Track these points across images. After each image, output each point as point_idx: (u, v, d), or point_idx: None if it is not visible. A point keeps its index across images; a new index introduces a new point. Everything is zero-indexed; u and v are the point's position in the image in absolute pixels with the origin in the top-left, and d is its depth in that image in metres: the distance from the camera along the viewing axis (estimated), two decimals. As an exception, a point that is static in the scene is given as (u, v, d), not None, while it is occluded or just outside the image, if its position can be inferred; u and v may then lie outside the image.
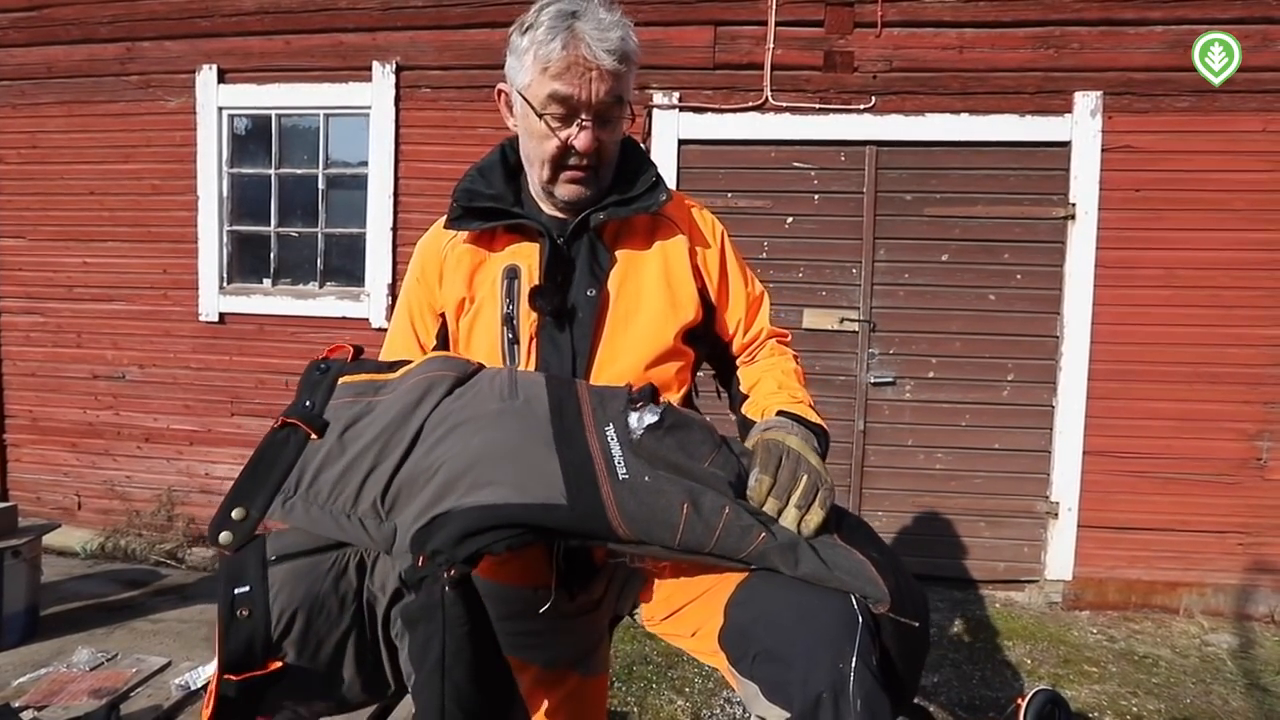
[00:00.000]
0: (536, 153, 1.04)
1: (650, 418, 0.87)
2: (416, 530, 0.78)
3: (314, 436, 0.85)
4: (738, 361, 1.20)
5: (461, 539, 0.75)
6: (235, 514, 0.82)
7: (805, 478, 0.86)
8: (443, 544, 0.74)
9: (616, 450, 0.83)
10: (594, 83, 0.98)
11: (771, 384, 1.12)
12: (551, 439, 0.83)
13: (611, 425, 0.86)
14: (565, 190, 1.05)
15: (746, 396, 1.14)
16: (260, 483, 0.83)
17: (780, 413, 1.02)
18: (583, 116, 0.99)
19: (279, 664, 0.78)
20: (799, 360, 1.21)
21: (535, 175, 1.08)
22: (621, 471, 0.81)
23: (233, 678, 0.76)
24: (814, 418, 1.03)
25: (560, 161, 1.03)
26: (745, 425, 1.10)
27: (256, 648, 0.77)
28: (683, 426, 0.88)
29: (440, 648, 0.73)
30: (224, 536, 0.82)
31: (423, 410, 0.86)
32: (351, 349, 1.00)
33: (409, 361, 0.97)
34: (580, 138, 1.00)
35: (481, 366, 0.97)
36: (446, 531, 0.75)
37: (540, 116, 1.00)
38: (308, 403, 0.89)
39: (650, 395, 0.91)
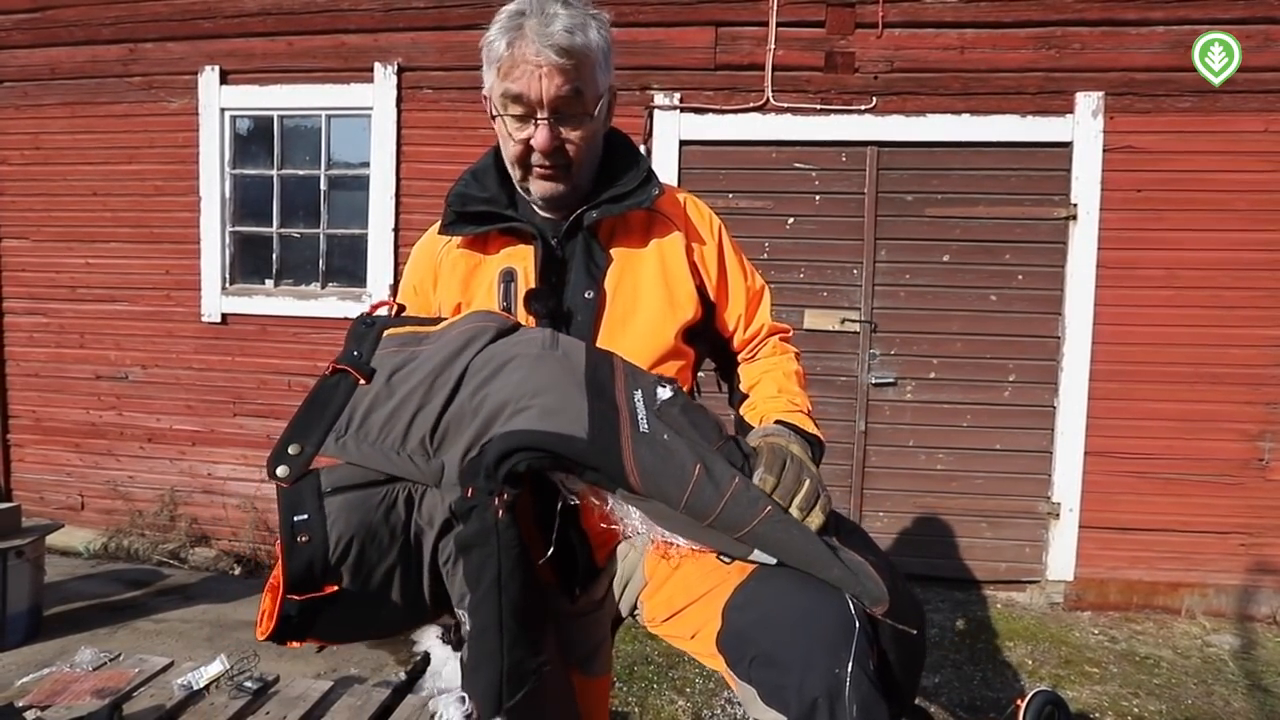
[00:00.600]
0: (506, 154, 1.05)
1: (671, 393, 0.92)
2: (466, 464, 0.83)
3: (363, 381, 0.90)
4: (739, 358, 1.19)
5: (499, 462, 0.81)
6: (291, 449, 0.85)
7: (808, 483, 0.87)
8: (484, 470, 0.81)
9: (641, 410, 0.88)
10: (543, 79, 0.96)
11: (771, 387, 1.11)
12: (584, 385, 0.88)
13: (640, 391, 0.91)
14: (537, 187, 1.05)
15: (746, 396, 1.14)
16: (314, 421, 0.87)
17: (779, 422, 1.02)
18: (539, 114, 0.98)
19: (334, 588, 0.82)
20: (800, 359, 1.21)
21: (514, 177, 1.08)
22: (643, 426, 0.86)
23: (295, 597, 0.80)
24: (811, 428, 1.03)
25: (526, 160, 1.03)
26: (743, 425, 1.10)
27: (316, 570, 0.81)
28: (698, 411, 0.94)
29: (496, 568, 0.81)
30: (281, 470, 0.84)
31: (466, 355, 0.90)
32: (396, 305, 1.06)
33: (444, 319, 1.01)
34: (537, 136, 0.99)
35: (519, 324, 1.00)
36: (485, 459, 0.82)
37: (501, 118, 1.01)
38: (355, 352, 0.94)
39: (673, 383, 0.96)
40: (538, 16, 0.96)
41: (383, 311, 1.03)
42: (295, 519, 0.82)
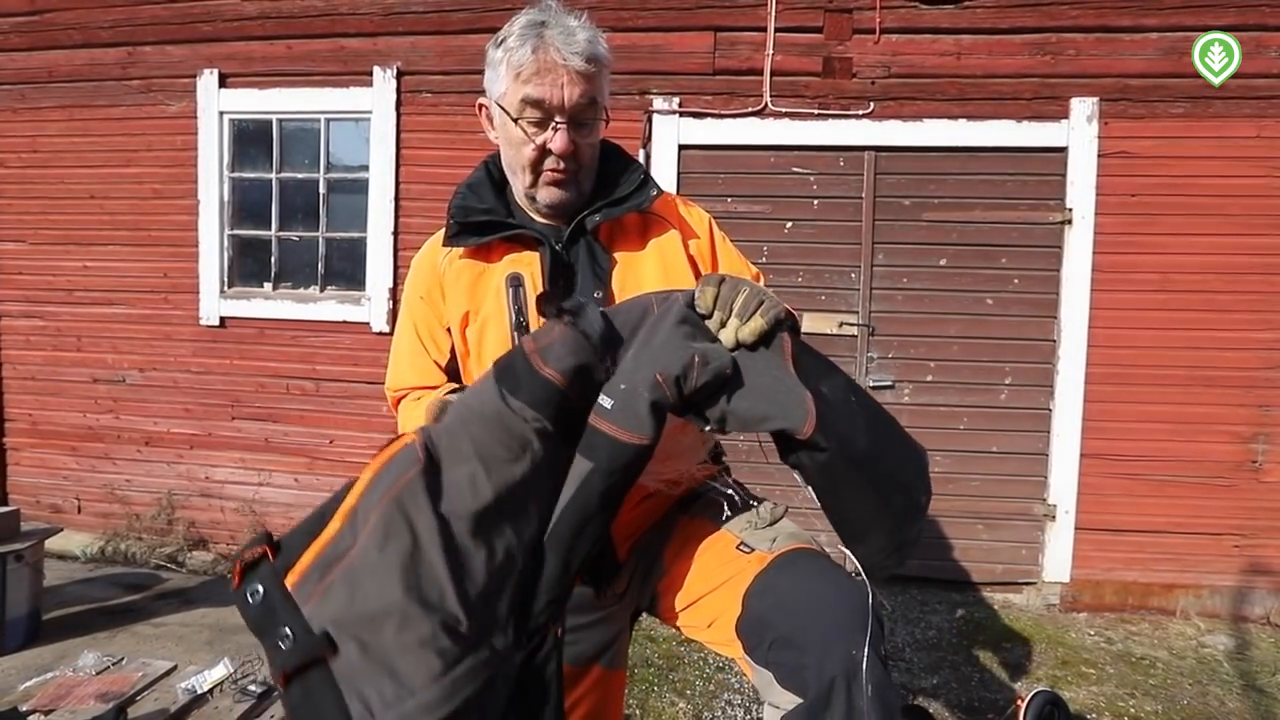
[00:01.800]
0: (516, 159, 1.07)
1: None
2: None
3: (329, 659, 0.70)
4: None
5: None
6: None
7: (746, 290, 0.86)
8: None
9: (606, 401, 0.83)
10: (565, 86, 1.00)
11: None
12: (567, 469, 0.83)
13: (602, 395, 0.84)
14: (546, 193, 1.08)
15: None
16: None
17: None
18: (557, 119, 1.02)
19: None
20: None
21: (518, 183, 1.10)
22: (608, 404, 0.83)
23: None
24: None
25: (539, 165, 1.06)
26: None
27: None
28: (620, 333, 0.87)
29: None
30: None
31: (423, 525, 0.75)
32: (259, 550, 0.77)
33: (341, 497, 0.80)
34: (557, 140, 1.02)
35: (440, 413, 0.86)
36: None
37: (517, 122, 1.03)
38: (280, 640, 0.71)
39: (609, 344, 0.86)
40: (559, 27, 1.00)
41: (258, 563, 0.76)
42: None
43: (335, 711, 0.69)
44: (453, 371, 1.13)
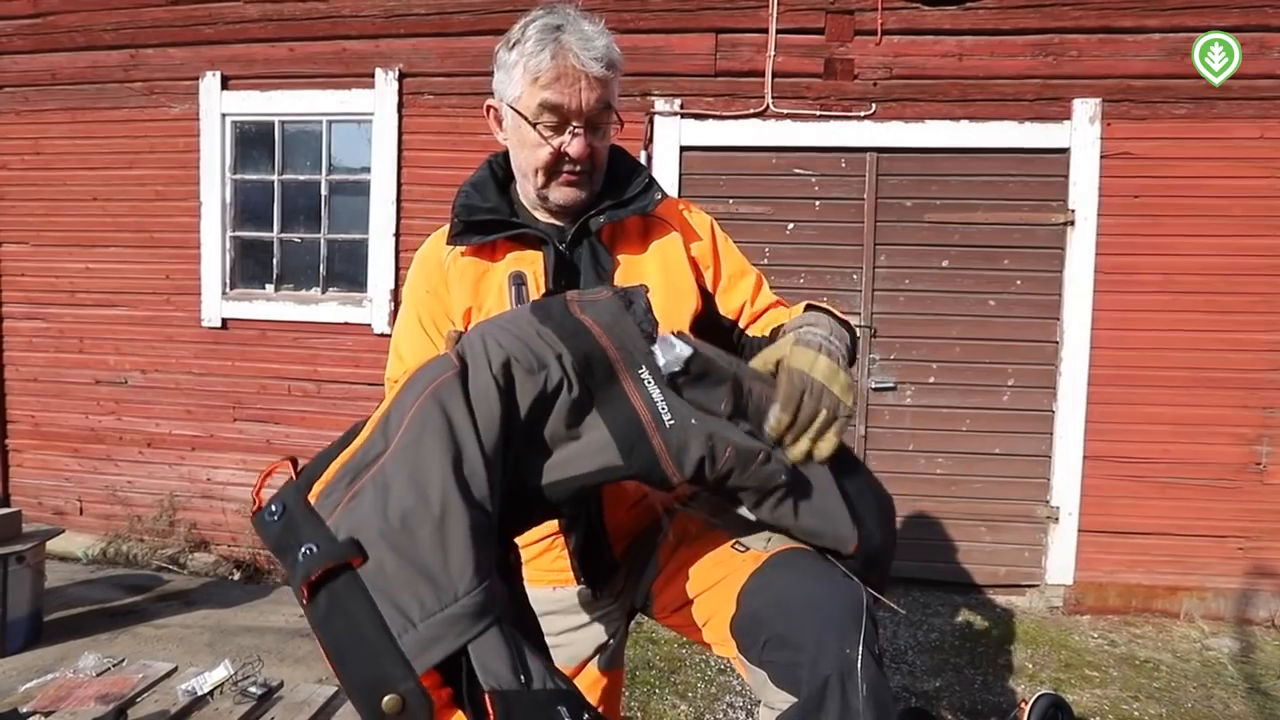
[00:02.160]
0: (530, 161, 1.07)
1: (672, 355, 0.84)
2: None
3: (355, 563, 0.65)
4: (749, 331, 1.21)
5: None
6: (386, 703, 0.62)
7: (824, 413, 0.87)
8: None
9: (656, 394, 0.81)
10: (583, 91, 1.01)
11: (787, 312, 1.16)
12: (594, 408, 0.81)
13: (644, 367, 0.82)
14: (560, 193, 1.08)
15: (763, 337, 1.17)
16: (370, 660, 0.63)
17: (809, 307, 1.06)
18: (574, 124, 1.03)
19: None
20: None
21: (529, 184, 1.10)
22: (667, 419, 0.80)
23: None
24: (840, 314, 1.06)
25: (554, 168, 1.06)
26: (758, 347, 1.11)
27: None
28: (703, 360, 0.87)
29: None
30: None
31: (460, 419, 0.72)
32: (285, 465, 0.76)
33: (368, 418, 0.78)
34: (574, 144, 1.03)
35: (459, 340, 0.83)
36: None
37: (534, 126, 1.03)
38: (306, 549, 0.66)
39: (653, 325, 0.86)
40: (576, 33, 1.00)
41: (283, 480, 0.73)
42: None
43: (370, 621, 0.63)
44: None
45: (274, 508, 0.70)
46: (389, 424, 0.73)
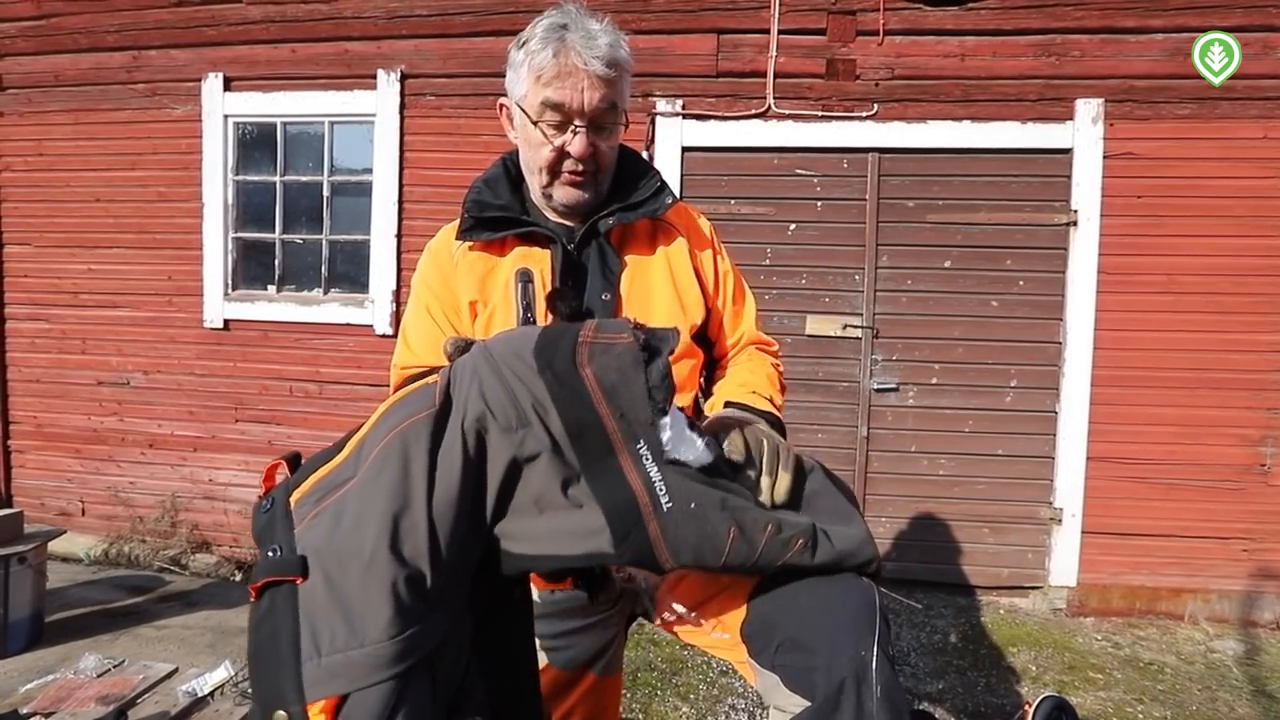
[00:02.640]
0: (534, 160, 1.07)
1: (691, 454, 0.78)
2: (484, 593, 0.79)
3: (299, 581, 0.69)
4: (720, 366, 1.22)
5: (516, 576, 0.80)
6: (275, 718, 0.66)
7: (765, 443, 0.86)
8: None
9: (655, 474, 0.76)
10: (586, 90, 1.01)
11: (732, 382, 1.14)
12: (583, 480, 0.76)
13: (643, 442, 0.76)
14: (563, 193, 1.08)
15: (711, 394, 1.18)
16: (275, 672, 0.66)
17: (728, 404, 1.05)
18: (576, 123, 1.03)
19: None
20: (779, 365, 1.23)
21: (535, 183, 1.11)
22: (665, 501, 0.76)
23: None
24: (762, 405, 1.05)
25: (557, 167, 1.06)
26: None
27: None
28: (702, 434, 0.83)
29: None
30: None
31: (417, 470, 0.72)
32: (285, 461, 0.81)
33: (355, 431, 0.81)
34: (575, 143, 1.03)
35: (462, 349, 0.83)
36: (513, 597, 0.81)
37: (536, 124, 1.04)
38: (271, 550, 0.71)
39: (668, 393, 0.78)
40: (580, 31, 1.01)
41: (280, 476, 0.79)
42: None
43: (288, 637, 0.66)
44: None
45: (267, 500, 0.75)
46: (362, 451, 0.75)
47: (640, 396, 0.75)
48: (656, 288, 1.11)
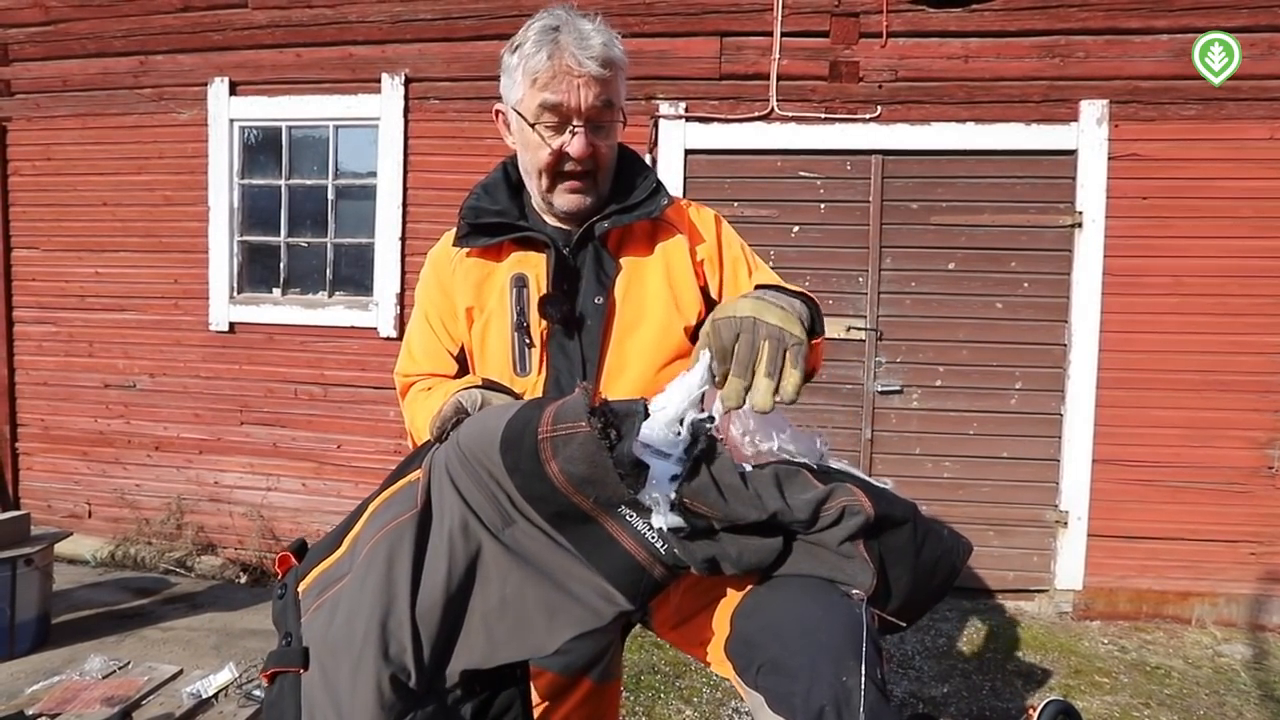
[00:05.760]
0: (533, 163, 1.07)
1: (667, 521, 0.76)
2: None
3: (302, 671, 0.77)
4: None
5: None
6: None
7: (766, 343, 0.75)
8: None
9: (642, 527, 0.77)
10: (581, 89, 1.01)
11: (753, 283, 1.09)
12: (582, 562, 0.78)
13: (624, 507, 0.76)
14: (564, 200, 1.08)
15: None
16: None
17: (757, 288, 0.94)
18: (574, 123, 1.03)
19: None
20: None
21: (535, 187, 1.11)
22: (663, 549, 0.77)
23: None
24: (793, 287, 0.96)
25: (557, 169, 1.06)
26: None
27: None
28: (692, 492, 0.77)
29: None
30: None
31: (400, 574, 0.77)
32: (291, 553, 0.89)
33: (360, 512, 0.86)
34: (574, 144, 1.03)
35: (458, 418, 0.86)
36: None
37: (534, 126, 1.04)
38: (285, 639, 0.80)
39: (639, 472, 0.74)
40: (573, 32, 1.01)
41: (290, 567, 0.88)
42: None
43: None
44: (463, 361, 1.13)
45: (280, 587, 0.84)
46: (356, 548, 0.82)
47: (611, 481, 0.73)
48: (651, 289, 1.10)
